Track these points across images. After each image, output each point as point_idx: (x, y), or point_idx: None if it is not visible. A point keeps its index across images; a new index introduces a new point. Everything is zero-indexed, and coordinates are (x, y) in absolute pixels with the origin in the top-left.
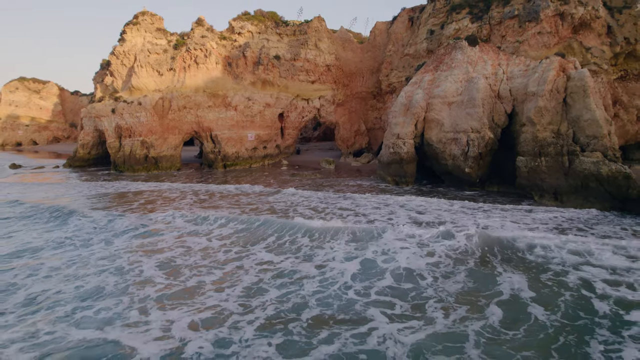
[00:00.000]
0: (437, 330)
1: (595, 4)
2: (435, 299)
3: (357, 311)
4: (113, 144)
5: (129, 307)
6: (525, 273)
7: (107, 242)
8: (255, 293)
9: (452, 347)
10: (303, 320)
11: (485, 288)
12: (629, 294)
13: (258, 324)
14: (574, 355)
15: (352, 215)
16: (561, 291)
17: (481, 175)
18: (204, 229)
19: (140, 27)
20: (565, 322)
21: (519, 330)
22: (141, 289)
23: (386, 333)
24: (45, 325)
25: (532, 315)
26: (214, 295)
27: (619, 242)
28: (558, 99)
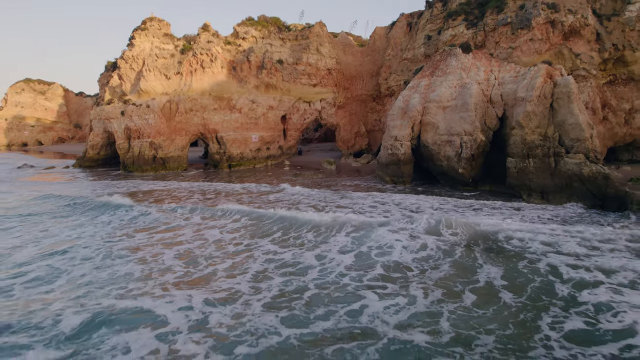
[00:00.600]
0: (418, 310)
1: (584, 12)
2: (421, 283)
3: (352, 290)
4: (122, 145)
5: (155, 286)
6: (502, 262)
7: (128, 235)
8: (262, 278)
9: (430, 321)
10: (304, 298)
11: (465, 276)
12: (586, 276)
13: (265, 301)
14: (527, 327)
15: (351, 213)
16: (530, 277)
17: (474, 176)
18: (216, 224)
19: (149, 33)
20: (528, 303)
21: (487, 310)
22: (163, 275)
23: (376, 311)
24: (90, 300)
25: (501, 299)
26: (228, 279)
27: (585, 234)
28: (545, 104)
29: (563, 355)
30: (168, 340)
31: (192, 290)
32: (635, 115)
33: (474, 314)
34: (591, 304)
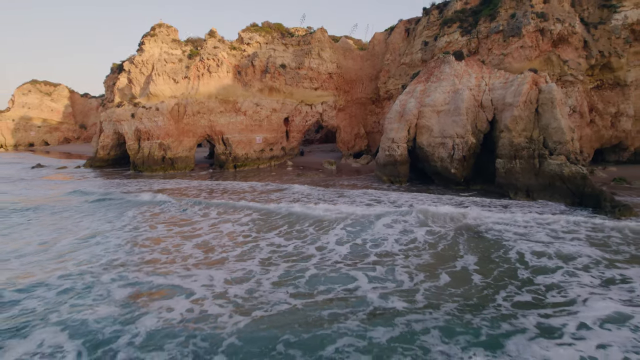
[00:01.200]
0: (402, 287)
1: (572, 21)
2: (405, 267)
3: (350, 266)
4: (132, 146)
5: (179, 268)
6: (479, 251)
7: (152, 227)
8: (270, 263)
9: (409, 294)
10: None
11: (445, 263)
12: (547, 262)
13: (273, 279)
14: (486, 298)
15: (351, 209)
16: (500, 263)
17: (466, 176)
18: (230, 217)
19: (157, 39)
20: (492, 283)
21: (458, 288)
22: (185, 260)
23: (366, 289)
24: (126, 280)
25: (472, 280)
26: (242, 263)
27: (553, 226)
28: (531, 109)
29: (506, 313)
30: (199, 304)
31: (211, 271)
32: (621, 118)
33: (446, 291)
34: (544, 285)
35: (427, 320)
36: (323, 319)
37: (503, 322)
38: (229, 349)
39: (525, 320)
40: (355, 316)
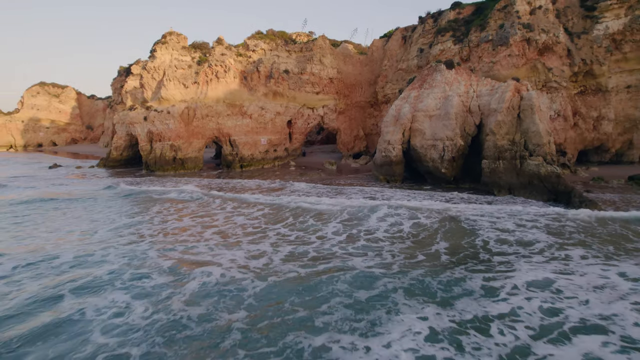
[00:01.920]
0: (383, 262)
1: (556, 31)
2: (389, 251)
3: (344, 248)
4: (145, 147)
5: (207, 248)
6: (453, 237)
7: (177, 219)
8: (278, 244)
9: (387, 266)
10: (309, 256)
11: (424, 247)
12: (506, 246)
13: (282, 256)
14: (447, 268)
15: (349, 204)
16: (467, 247)
17: (455, 175)
18: (244, 211)
19: (168, 46)
20: (455, 261)
21: (428, 263)
22: (208, 241)
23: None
24: (169, 255)
25: (440, 259)
26: (255, 245)
27: (522, 216)
28: (513, 114)
29: (459, 275)
30: (227, 271)
31: (233, 250)
32: (602, 122)
33: (418, 265)
34: (497, 261)
35: (397, 284)
36: (321, 282)
37: (455, 286)
38: (249, 306)
39: (472, 283)
40: (345, 277)
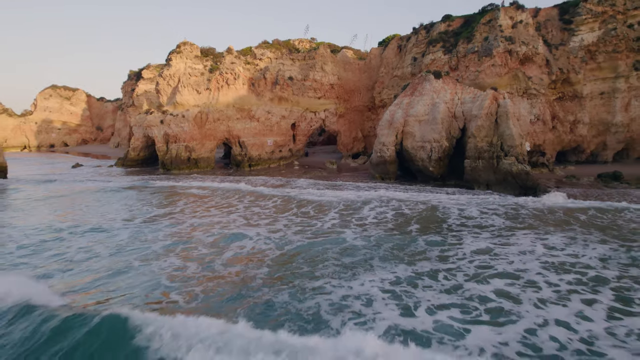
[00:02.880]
0: (368, 238)
1: (535, 43)
2: (374, 231)
3: (339, 229)
4: (161, 148)
5: (235, 226)
6: (427, 221)
7: (205, 209)
8: (288, 225)
9: (368, 240)
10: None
11: (401, 229)
12: (464, 230)
13: (294, 230)
14: (415, 242)
15: (344, 197)
16: (434, 227)
17: (442, 173)
18: (259, 202)
19: (182, 55)
20: (424, 236)
21: (401, 238)
22: (232, 223)
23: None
24: (210, 232)
25: (412, 234)
26: (272, 226)
27: (488, 205)
28: (491, 119)
29: (422, 248)
30: (255, 242)
31: (256, 229)
32: (578, 125)
33: (393, 240)
34: (455, 237)
35: (375, 253)
36: (320, 251)
37: (418, 255)
38: (269, 266)
39: (432, 252)
40: (335, 250)
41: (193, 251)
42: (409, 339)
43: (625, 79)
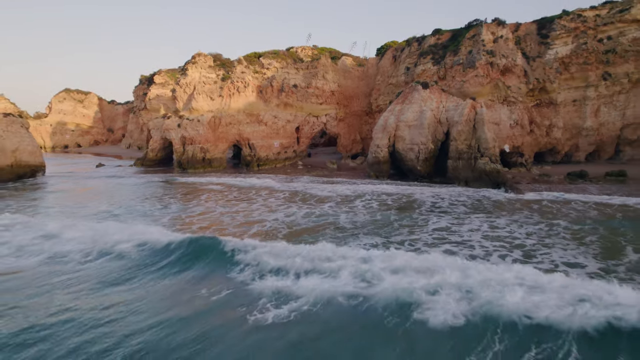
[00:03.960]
0: (356, 221)
1: (514, 56)
2: (363, 215)
3: (335, 215)
4: (179, 149)
5: (258, 214)
6: (403, 210)
7: (226, 201)
8: (295, 212)
9: (355, 223)
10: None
11: (384, 214)
12: (432, 215)
13: (301, 215)
14: (392, 224)
15: (342, 191)
16: (409, 214)
17: (428, 171)
18: (271, 195)
19: (197, 65)
20: (398, 222)
21: (384, 222)
22: (255, 211)
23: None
24: (234, 218)
25: (391, 219)
26: (286, 211)
27: (458, 197)
28: (470, 125)
29: (396, 228)
30: (276, 221)
31: (275, 214)
32: (553, 129)
33: (375, 223)
34: (423, 220)
35: (360, 231)
36: (320, 228)
37: (393, 232)
38: (285, 235)
39: (403, 230)
40: (331, 228)
41: (226, 230)
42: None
43: (595, 88)
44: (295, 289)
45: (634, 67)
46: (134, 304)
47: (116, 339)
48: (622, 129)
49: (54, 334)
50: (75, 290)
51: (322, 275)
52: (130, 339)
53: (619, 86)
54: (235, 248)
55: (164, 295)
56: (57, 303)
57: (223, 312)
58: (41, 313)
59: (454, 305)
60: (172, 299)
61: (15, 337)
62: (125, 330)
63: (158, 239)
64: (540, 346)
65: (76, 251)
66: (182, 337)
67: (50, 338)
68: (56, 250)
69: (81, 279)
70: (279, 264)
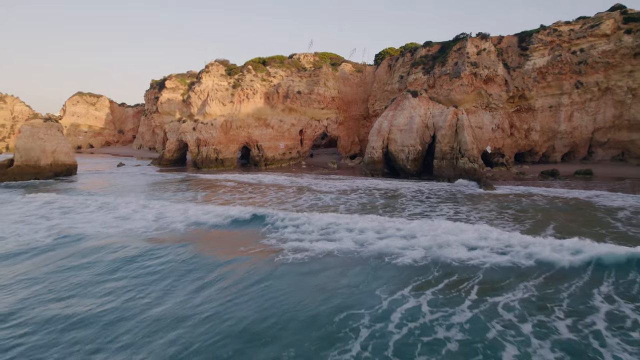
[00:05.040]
0: (350, 208)
1: (495, 67)
2: (357, 202)
3: (334, 205)
4: (194, 150)
5: (271, 205)
6: (389, 199)
7: (243, 192)
8: (302, 202)
9: (350, 209)
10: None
11: (372, 203)
12: (409, 204)
13: (308, 205)
14: (375, 207)
15: (340, 187)
16: (392, 202)
17: (417, 170)
18: (281, 189)
19: (211, 74)
20: (382, 209)
21: (372, 207)
22: (268, 202)
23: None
24: (250, 204)
25: (376, 206)
26: (295, 202)
27: (435, 191)
28: (452, 129)
29: (381, 213)
30: (283, 212)
31: (284, 205)
32: (531, 132)
33: (364, 210)
34: (400, 208)
35: (355, 209)
36: (322, 211)
37: (376, 214)
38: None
39: (383, 211)
40: (330, 210)
41: (243, 219)
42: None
43: (568, 95)
44: (308, 245)
45: (603, 76)
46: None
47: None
48: (593, 132)
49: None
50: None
51: (325, 235)
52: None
53: (590, 94)
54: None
55: (231, 242)
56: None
57: (263, 254)
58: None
59: (415, 255)
60: (234, 246)
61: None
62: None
63: (219, 213)
64: (460, 274)
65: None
66: (243, 267)
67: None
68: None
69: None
70: (295, 222)
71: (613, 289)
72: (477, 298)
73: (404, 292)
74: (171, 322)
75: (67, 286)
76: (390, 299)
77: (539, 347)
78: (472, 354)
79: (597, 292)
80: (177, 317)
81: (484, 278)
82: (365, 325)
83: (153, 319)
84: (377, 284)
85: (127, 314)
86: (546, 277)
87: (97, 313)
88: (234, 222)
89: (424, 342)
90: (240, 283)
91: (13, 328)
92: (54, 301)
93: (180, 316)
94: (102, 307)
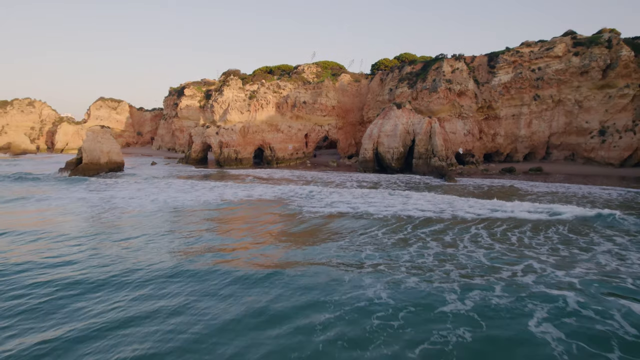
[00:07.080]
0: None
1: (467, 83)
2: (352, 195)
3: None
4: (217, 151)
5: (289, 194)
6: (371, 186)
7: (265, 182)
8: (310, 187)
9: (342, 194)
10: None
11: (362, 188)
12: (387, 195)
13: (313, 190)
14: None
15: (338, 179)
16: (374, 189)
17: (400, 167)
18: (290, 183)
19: (231, 87)
20: (363, 193)
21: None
22: (287, 187)
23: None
24: (271, 194)
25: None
26: (300, 193)
27: (410, 182)
28: (427, 135)
29: (366, 193)
30: (296, 202)
31: (296, 197)
32: (497, 136)
33: (354, 195)
34: (380, 192)
35: (350, 192)
36: (329, 190)
37: (359, 196)
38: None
39: (366, 196)
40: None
41: (260, 202)
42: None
43: (528, 106)
44: (318, 209)
45: (557, 90)
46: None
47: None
48: (549, 136)
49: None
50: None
51: (327, 206)
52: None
53: (545, 105)
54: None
55: (270, 205)
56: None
57: (288, 215)
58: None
59: (386, 213)
60: (271, 208)
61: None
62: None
63: (259, 192)
64: (406, 221)
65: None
66: (272, 218)
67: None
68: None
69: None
70: (306, 199)
71: (483, 227)
72: (410, 231)
73: (373, 229)
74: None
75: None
76: (363, 231)
77: (432, 248)
78: (401, 250)
79: (478, 230)
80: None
81: (417, 223)
82: (350, 238)
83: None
84: (358, 225)
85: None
86: (457, 222)
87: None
88: (260, 199)
89: (376, 244)
90: (278, 224)
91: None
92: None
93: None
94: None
